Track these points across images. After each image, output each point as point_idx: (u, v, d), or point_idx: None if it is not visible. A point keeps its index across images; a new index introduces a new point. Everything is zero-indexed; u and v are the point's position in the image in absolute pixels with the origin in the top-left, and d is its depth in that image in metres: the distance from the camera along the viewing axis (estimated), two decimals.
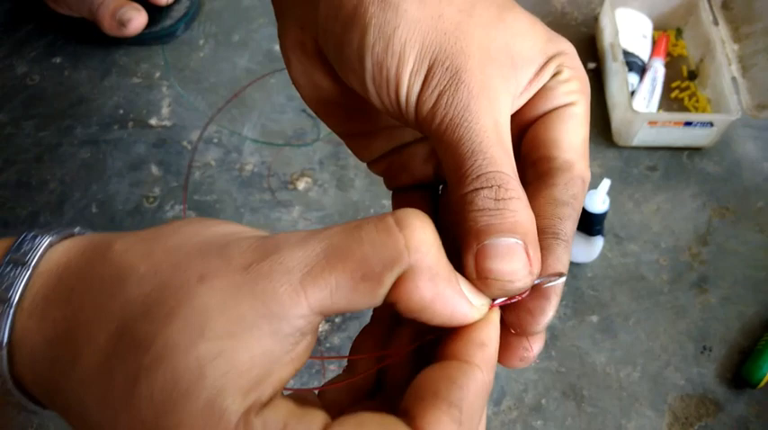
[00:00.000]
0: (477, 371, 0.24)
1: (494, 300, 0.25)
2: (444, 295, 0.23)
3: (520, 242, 0.24)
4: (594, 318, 0.61)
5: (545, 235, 0.27)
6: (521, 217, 0.25)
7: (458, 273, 0.24)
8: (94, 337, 0.22)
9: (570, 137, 0.29)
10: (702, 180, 0.69)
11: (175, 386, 0.20)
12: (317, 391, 0.27)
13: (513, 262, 0.24)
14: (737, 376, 0.58)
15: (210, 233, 0.24)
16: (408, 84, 0.27)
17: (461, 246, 0.25)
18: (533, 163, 0.29)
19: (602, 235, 0.60)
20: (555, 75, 0.29)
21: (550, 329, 0.60)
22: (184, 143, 0.69)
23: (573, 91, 0.29)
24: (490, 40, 0.27)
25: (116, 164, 0.67)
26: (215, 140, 0.69)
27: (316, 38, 0.30)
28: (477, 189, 0.25)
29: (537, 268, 0.25)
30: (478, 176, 0.25)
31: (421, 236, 0.22)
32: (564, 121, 0.29)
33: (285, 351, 0.21)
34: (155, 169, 0.67)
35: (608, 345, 0.60)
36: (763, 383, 0.57)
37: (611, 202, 0.58)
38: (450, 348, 0.24)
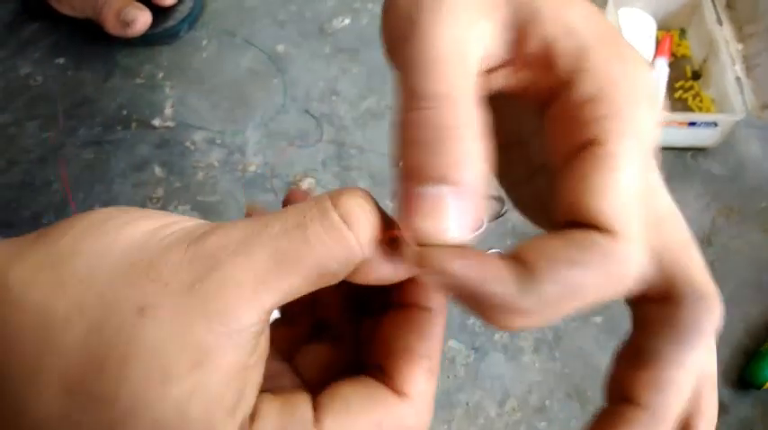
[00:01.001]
0: (440, 317, 0.24)
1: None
2: (397, 268, 0.23)
3: (452, 191, 0.20)
4: (598, 319, 0.61)
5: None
6: (457, 155, 0.20)
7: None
8: (32, 402, 0.19)
9: (595, 197, 0.20)
10: (707, 180, 0.69)
11: None
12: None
13: (440, 220, 0.21)
14: (742, 378, 0.58)
15: (122, 244, 0.21)
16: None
17: (396, 181, 0.23)
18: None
19: None
20: (567, 83, 0.22)
21: (554, 330, 0.60)
22: (187, 144, 0.69)
23: (595, 119, 0.21)
24: None
25: (119, 164, 0.67)
26: (218, 141, 0.69)
27: None
28: (413, 111, 0.21)
29: (472, 224, 0.21)
30: (416, 93, 0.21)
31: (369, 229, 0.21)
32: (585, 174, 0.21)
33: (250, 356, 0.21)
34: (158, 170, 0.67)
35: (612, 346, 0.59)
36: (767, 385, 0.57)
37: None
38: (405, 293, 0.24)
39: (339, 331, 0.27)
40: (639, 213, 0.21)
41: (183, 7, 0.75)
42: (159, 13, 0.72)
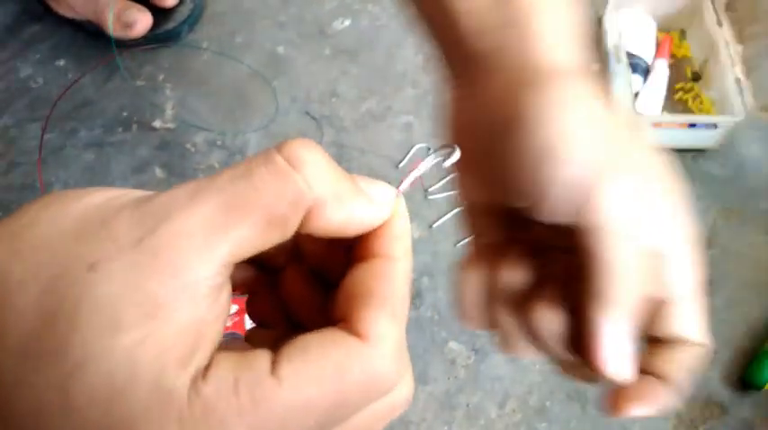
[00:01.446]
0: (401, 263, 0.24)
1: (398, 187, 0.25)
2: (354, 211, 0.23)
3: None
4: None
5: None
6: None
7: (354, 177, 0.24)
8: None
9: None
10: (707, 182, 0.69)
11: (112, 381, 0.19)
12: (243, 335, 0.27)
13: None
14: (742, 379, 0.58)
15: (77, 211, 0.21)
16: (559, 190, 0.29)
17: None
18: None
19: None
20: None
21: None
22: (188, 145, 0.69)
23: None
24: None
25: (120, 166, 0.67)
26: (218, 143, 0.69)
27: None
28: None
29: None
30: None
31: (315, 168, 0.22)
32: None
33: (208, 310, 0.21)
34: (159, 171, 0.67)
35: None
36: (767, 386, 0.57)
37: None
38: (368, 246, 0.24)
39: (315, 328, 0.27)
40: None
41: (183, 9, 0.75)
42: (160, 15, 0.73)
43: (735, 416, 0.57)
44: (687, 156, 0.70)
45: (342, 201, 0.22)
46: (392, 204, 0.25)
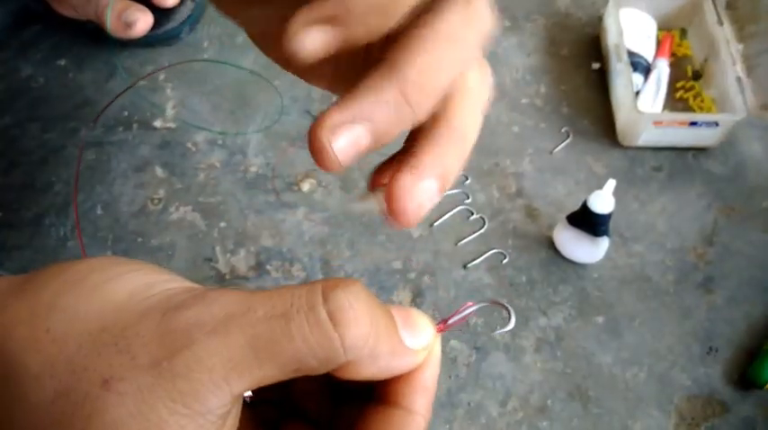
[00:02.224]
0: (421, 420, 0.23)
1: (439, 324, 0.24)
2: (388, 365, 0.22)
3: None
4: (600, 319, 0.61)
5: None
6: None
7: (395, 317, 0.23)
8: None
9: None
10: (708, 180, 0.69)
11: None
12: None
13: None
14: (744, 377, 0.58)
15: (99, 307, 0.20)
16: None
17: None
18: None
19: (608, 235, 0.60)
20: None
21: (555, 330, 0.60)
22: (189, 145, 0.69)
23: None
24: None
25: (121, 165, 0.67)
26: (219, 142, 0.69)
27: None
28: None
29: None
30: None
31: (356, 333, 0.20)
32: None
33: None
34: (159, 171, 0.67)
35: (614, 346, 0.59)
36: None
37: (617, 203, 0.58)
38: (392, 391, 0.23)
39: (316, 415, 0.27)
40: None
41: (184, 9, 0.75)
42: (160, 15, 0.73)
43: (736, 415, 0.57)
44: (688, 154, 0.70)
45: (376, 360, 0.21)
46: (428, 347, 0.24)
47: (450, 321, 0.25)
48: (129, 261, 0.22)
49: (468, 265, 0.62)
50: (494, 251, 0.63)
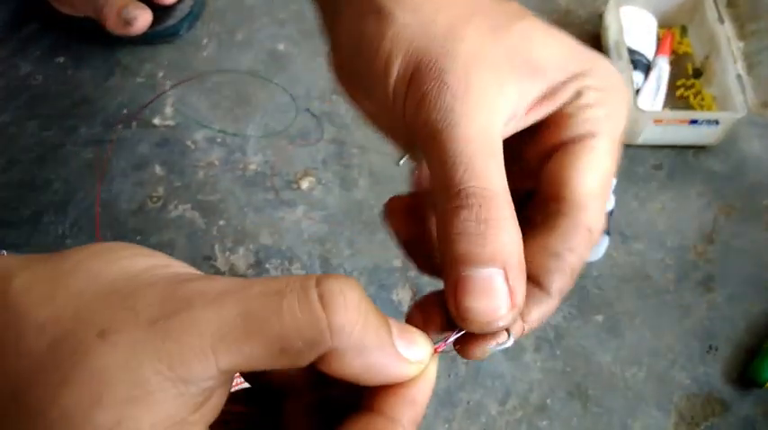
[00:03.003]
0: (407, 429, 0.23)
1: (437, 345, 0.24)
2: (376, 364, 0.22)
3: (500, 272, 0.23)
4: (600, 318, 0.60)
5: (529, 283, 0.25)
6: (502, 243, 0.23)
7: (392, 326, 0.23)
8: None
9: (584, 176, 0.26)
10: (708, 178, 0.69)
11: None
12: None
13: (493, 299, 0.23)
14: (744, 375, 0.58)
15: (116, 273, 0.21)
16: (394, 89, 0.26)
17: (443, 271, 0.24)
18: (544, 202, 0.27)
19: (608, 234, 0.60)
20: (576, 97, 0.26)
21: (555, 328, 0.60)
22: (188, 143, 0.69)
23: (596, 119, 0.26)
24: (486, 44, 0.25)
25: (120, 163, 0.67)
26: (218, 140, 0.69)
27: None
28: (456, 207, 0.23)
29: (520, 301, 0.23)
30: (459, 192, 0.23)
31: (344, 317, 0.20)
32: (580, 157, 0.26)
33: (192, 411, 0.20)
34: (158, 169, 0.67)
35: (613, 345, 0.59)
36: None
37: (617, 201, 0.58)
38: (378, 401, 0.23)
39: None
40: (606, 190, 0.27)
41: (183, 6, 0.74)
42: (160, 12, 0.72)
43: (736, 414, 0.57)
44: (688, 152, 0.70)
45: (363, 353, 0.21)
46: (423, 362, 0.23)
47: (448, 341, 0.25)
48: (148, 249, 0.23)
49: None
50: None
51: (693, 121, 0.67)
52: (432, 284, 0.58)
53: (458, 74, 0.24)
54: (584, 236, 0.26)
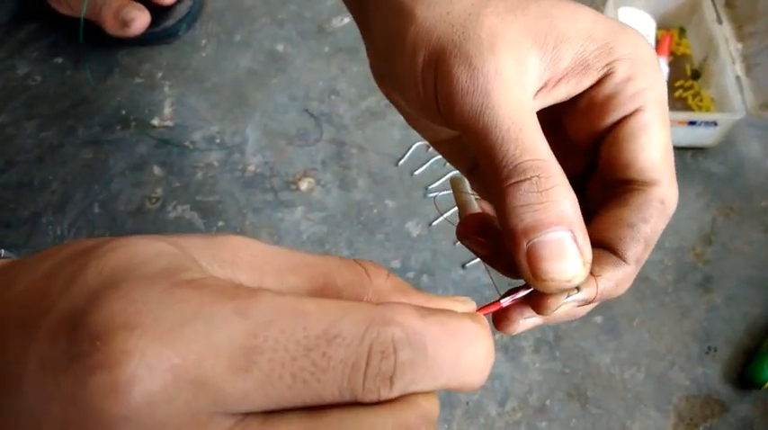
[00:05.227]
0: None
1: (507, 303, 0.26)
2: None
3: (568, 233, 0.24)
4: (599, 319, 0.61)
5: (605, 251, 0.27)
6: (565, 205, 0.24)
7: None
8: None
9: (646, 154, 0.28)
10: (706, 180, 0.69)
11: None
12: None
13: (566, 258, 0.24)
14: (743, 377, 0.58)
15: (166, 262, 0.21)
16: (423, 81, 0.27)
17: (510, 244, 0.25)
18: (611, 185, 0.29)
19: None
20: (609, 74, 0.27)
21: (554, 330, 0.60)
22: (187, 143, 0.68)
23: (640, 92, 0.27)
24: (506, 23, 0.26)
25: (118, 164, 0.67)
26: (217, 141, 0.69)
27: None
28: (516, 182, 0.24)
29: (589, 257, 0.25)
30: (515, 167, 0.24)
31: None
32: (637, 135, 0.28)
33: None
34: (157, 170, 0.67)
35: (612, 346, 0.59)
36: None
37: None
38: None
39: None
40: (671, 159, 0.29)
41: (181, 7, 0.74)
42: (158, 13, 0.72)
43: (735, 415, 0.57)
44: (687, 153, 0.70)
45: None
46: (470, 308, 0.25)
47: (516, 297, 0.26)
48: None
49: (467, 265, 0.62)
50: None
51: (692, 123, 0.67)
52: (429, 287, 0.58)
53: (485, 56, 0.25)
54: (658, 208, 0.28)
